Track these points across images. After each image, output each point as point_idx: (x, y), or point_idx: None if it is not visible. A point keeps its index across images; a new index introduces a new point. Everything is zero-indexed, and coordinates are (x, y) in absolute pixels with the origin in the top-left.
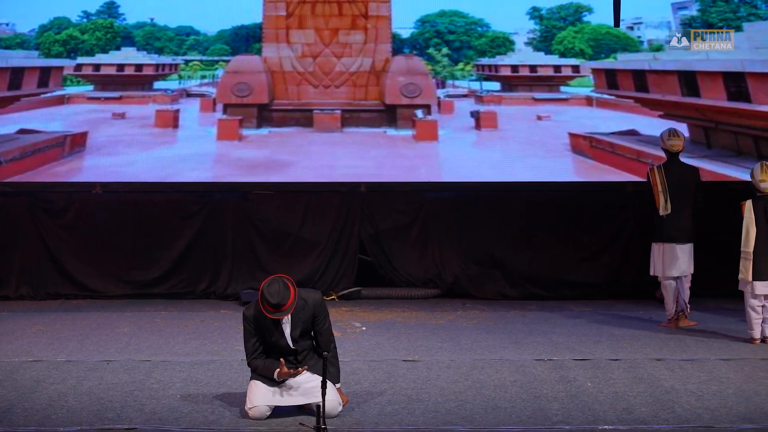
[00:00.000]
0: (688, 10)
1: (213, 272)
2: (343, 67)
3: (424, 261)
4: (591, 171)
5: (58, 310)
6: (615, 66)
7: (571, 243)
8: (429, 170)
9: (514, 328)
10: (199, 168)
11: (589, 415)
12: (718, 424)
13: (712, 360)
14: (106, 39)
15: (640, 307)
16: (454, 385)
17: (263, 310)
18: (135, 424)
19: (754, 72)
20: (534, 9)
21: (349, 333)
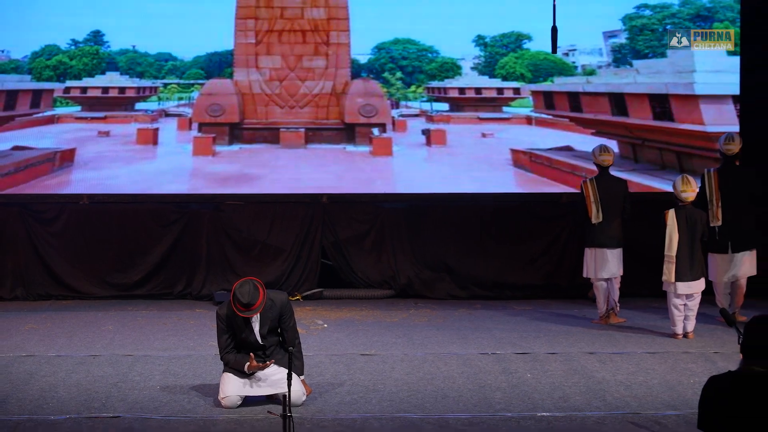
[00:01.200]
0: (618, 38)
1: (189, 275)
2: (307, 89)
3: (379, 265)
4: (530, 183)
5: (48, 310)
6: (552, 88)
7: (513, 248)
8: (384, 183)
9: (461, 325)
10: (177, 181)
11: (529, 404)
12: (645, 411)
13: (639, 353)
14: (92, 64)
15: (575, 305)
16: (407, 377)
17: (235, 310)
18: (119, 412)
19: (676, 94)
20: (479, 37)
21: (312, 330)
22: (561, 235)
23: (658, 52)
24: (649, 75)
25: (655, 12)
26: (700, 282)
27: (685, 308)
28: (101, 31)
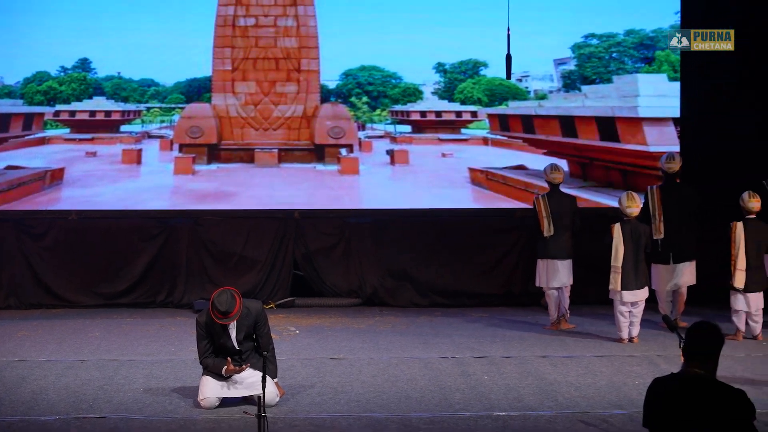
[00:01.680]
0: (568, 65)
1: (170, 285)
2: (280, 113)
3: (347, 275)
4: (487, 199)
5: (39, 318)
6: (507, 111)
7: (470, 259)
8: (351, 199)
9: (423, 331)
10: (159, 198)
11: (486, 404)
12: (593, 410)
13: (588, 357)
14: (80, 89)
15: (528, 313)
16: (373, 379)
17: (213, 317)
18: (105, 413)
19: (621, 117)
20: (439, 64)
21: (285, 336)
22: (515, 248)
23: (604, 78)
24: (596, 99)
25: (601, 41)
26: (644, 290)
27: (630, 315)
28: (88, 58)
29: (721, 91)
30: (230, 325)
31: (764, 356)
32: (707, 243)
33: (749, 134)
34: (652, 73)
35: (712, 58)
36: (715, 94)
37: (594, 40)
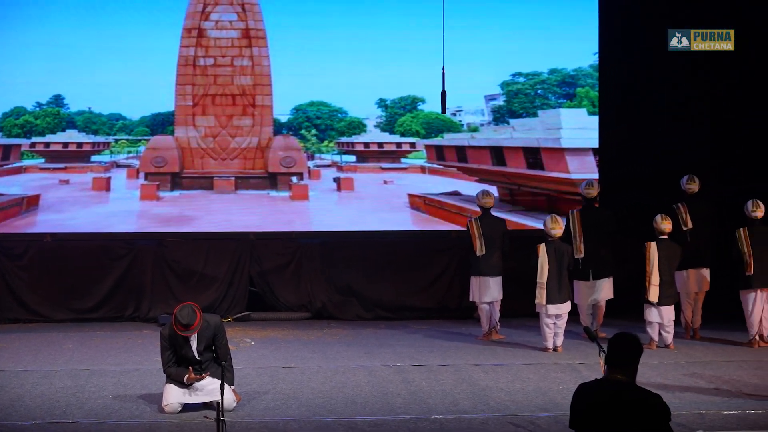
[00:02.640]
0: (497, 100)
1: (137, 301)
2: (236, 144)
3: (298, 291)
4: (424, 222)
5: (17, 332)
6: (442, 143)
7: (410, 277)
8: (302, 222)
9: (367, 342)
10: (126, 222)
11: (425, 408)
12: (522, 413)
13: (517, 364)
14: (54, 123)
15: (463, 325)
16: (322, 386)
17: (176, 330)
18: (77, 418)
19: (546, 147)
20: (381, 100)
21: (241, 347)
22: (450, 266)
23: (530, 112)
24: (523, 131)
25: (527, 79)
26: (566, 304)
27: (554, 326)
28: (62, 95)
29: (635, 124)
30: (191, 337)
31: (675, 363)
32: (623, 261)
33: (660, 163)
34: (573, 108)
35: (628, 93)
36: (629, 127)
37: (521, 78)
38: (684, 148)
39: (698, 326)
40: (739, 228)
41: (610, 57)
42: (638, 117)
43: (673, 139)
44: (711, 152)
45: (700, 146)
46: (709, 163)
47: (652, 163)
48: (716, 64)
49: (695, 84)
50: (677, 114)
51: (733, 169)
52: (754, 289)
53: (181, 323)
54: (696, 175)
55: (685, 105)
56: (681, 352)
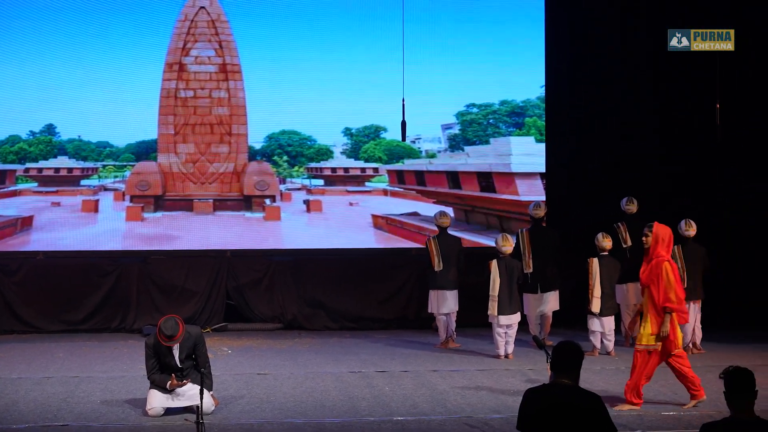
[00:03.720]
0: (453, 129)
1: (123, 313)
2: (214, 169)
3: (271, 304)
4: (387, 240)
5: (12, 342)
6: (403, 168)
7: (373, 290)
8: (275, 241)
9: (334, 350)
10: (113, 240)
11: (387, 410)
12: (476, 414)
13: (471, 370)
14: (46, 150)
15: (421, 334)
16: (293, 390)
17: (160, 340)
18: (67, 422)
19: (497, 171)
20: (347, 128)
21: (219, 355)
22: (410, 280)
23: (483, 140)
24: (476, 157)
25: (480, 109)
26: (517, 315)
27: (506, 335)
28: (53, 124)
29: (579, 151)
30: (174, 346)
31: (616, 369)
32: (568, 276)
33: (602, 185)
34: (522, 136)
35: (572, 122)
36: (573, 154)
37: (474, 108)
38: (624, 170)
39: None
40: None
41: (556, 89)
42: (582, 143)
43: (614, 161)
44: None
45: (639, 166)
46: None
47: (594, 186)
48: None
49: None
50: (619, 138)
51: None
52: (687, 301)
53: (165, 334)
54: (636, 192)
55: (627, 127)
56: (621, 358)
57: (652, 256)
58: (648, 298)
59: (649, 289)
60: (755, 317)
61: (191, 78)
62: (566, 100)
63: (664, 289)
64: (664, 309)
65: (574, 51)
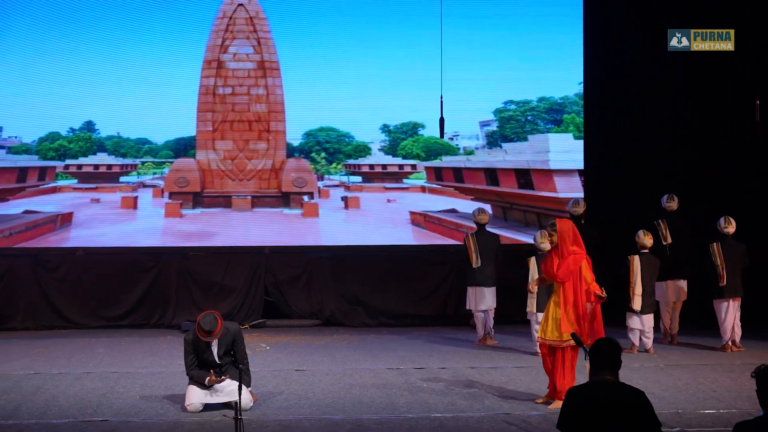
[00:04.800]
0: (491, 126)
1: (162, 309)
2: (253, 166)
3: (309, 300)
4: (425, 237)
5: (52, 338)
6: (441, 165)
7: (411, 287)
8: (313, 238)
9: (372, 346)
10: (152, 237)
11: (425, 407)
12: (514, 412)
13: (509, 368)
14: (86, 147)
15: (460, 331)
16: (331, 387)
17: (199, 336)
18: (107, 417)
19: (535, 168)
20: (384, 125)
21: (257, 351)
22: (448, 277)
23: (521, 137)
24: (515, 154)
25: (518, 106)
26: None
27: None
28: (93, 121)
29: (618, 147)
30: (213, 342)
31: (655, 366)
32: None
33: (641, 182)
34: (560, 133)
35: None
36: (612, 150)
37: (512, 105)
38: (663, 167)
39: (676, 332)
40: (713, 242)
41: (594, 86)
42: (621, 140)
43: (653, 159)
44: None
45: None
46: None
47: (633, 182)
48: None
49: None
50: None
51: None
52: (726, 298)
53: (203, 330)
54: (675, 189)
55: (665, 124)
56: (660, 356)
57: (564, 253)
58: (563, 294)
59: (567, 286)
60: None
61: (230, 75)
62: (604, 97)
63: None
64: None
65: (612, 48)
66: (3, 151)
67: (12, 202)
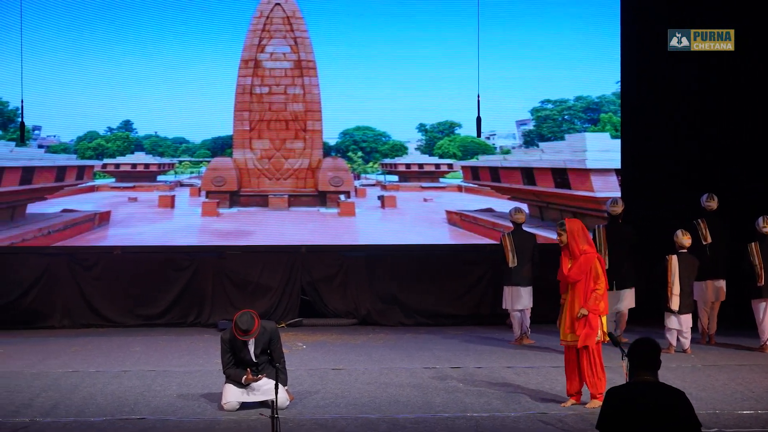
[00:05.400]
0: (527, 125)
1: (198, 308)
2: (289, 165)
3: (345, 299)
4: (461, 237)
5: (90, 336)
6: (477, 164)
7: (447, 286)
8: (349, 237)
9: (409, 345)
10: (189, 236)
11: (461, 406)
12: (551, 411)
13: (546, 367)
14: (123, 146)
15: (496, 331)
16: (367, 386)
17: (236, 334)
18: (144, 415)
19: (572, 168)
20: (421, 125)
21: (294, 350)
22: (484, 276)
23: (558, 136)
24: (551, 154)
25: (555, 105)
26: None
27: None
28: (131, 120)
29: (655, 147)
30: (249, 341)
31: (692, 367)
32: (644, 272)
33: (679, 182)
34: (597, 132)
35: (647, 118)
36: (649, 150)
37: (549, 104)
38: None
39: (714, 333)
40: (751, 242)
41: (631, 85)
42: (658, 139)
43: (691, 158)
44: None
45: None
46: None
47: (671, 182)
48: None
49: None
50: (695, 134)
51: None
52: (765, 298)
53: (240, 329)
54: (714, 189)
55: (701, 124)
56: (697, 356)
57: (576, 253)
58: (577, 294)
59: (579, 286)
60: None
61: (266, 74)
62: (642, 96)
63: (593, 288)
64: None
65: (650, 47)
66: (42, 150)
67: (50, 201)
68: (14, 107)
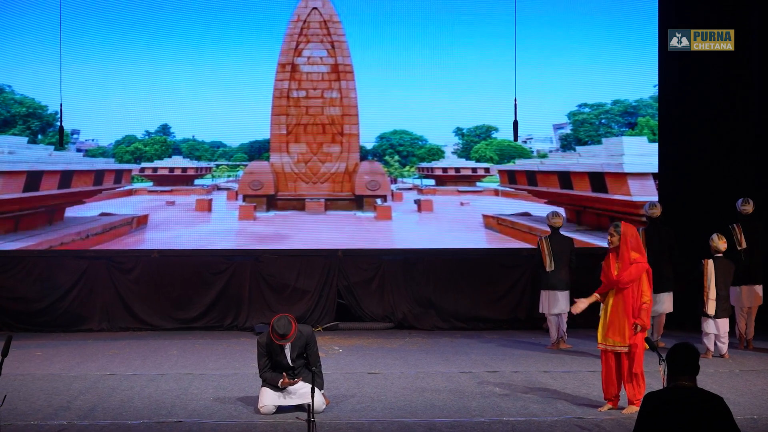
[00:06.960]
0: (564, 129)
1: (235, 312)
2: (326, 169)
3: (382, 303)
4: (497, 240)
5: (127, 339)
6: (514, 168)
7: (484, 290)
8: (385, 240)
9: (445, 350)
10: (226, 239)
11: (498, 411)
12: (587, 416)
13: (582, 372)
14: (161, 150)
15: (532, 335)
16: (403, 390)
17: (273, 338)
18: (181, 418)
19: (609, 172)
20: (458, 128)
21: (330, 354)
22: (521, 280)
23: (595, 140)
24: (588, 158)
25: (592, 109)
26: None
27: None
28: (168, 124)
29: (692, 151)
30: (286, 345)
31: (730, 372)
32: (683, 276)
33: (716, 186)
34: (634, 136)
35: (685, 122)
36: (686, 154)
37: (586, 108)
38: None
39: (751, 337)
40: None
41: (669, 89)
42: (695, 143)
43: (728, 162)
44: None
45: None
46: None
47: (709, 186)
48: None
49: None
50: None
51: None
52: None
53: (278, 333)
54: (750, 193)
55: (739, 127)
56: (735, 361)
57: (625, 257)
58: (622, 300)
59: (626, 293)
60: None
61: (303, 78)
62: (679, 100)
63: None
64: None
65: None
66: (80, 154)
67: (89, 205)
68: (53, 111)
